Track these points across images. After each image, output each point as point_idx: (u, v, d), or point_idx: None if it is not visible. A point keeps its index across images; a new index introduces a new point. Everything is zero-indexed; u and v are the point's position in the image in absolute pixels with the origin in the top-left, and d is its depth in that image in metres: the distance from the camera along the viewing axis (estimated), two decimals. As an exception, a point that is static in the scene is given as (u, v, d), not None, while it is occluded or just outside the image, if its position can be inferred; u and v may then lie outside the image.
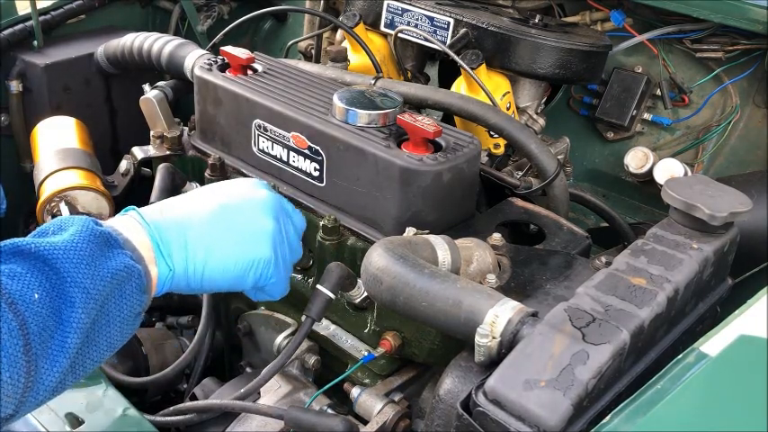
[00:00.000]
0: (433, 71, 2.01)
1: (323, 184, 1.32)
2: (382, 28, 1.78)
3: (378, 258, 1.01)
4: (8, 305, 0.72)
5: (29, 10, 1.95)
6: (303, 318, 1.16)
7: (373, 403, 1.17)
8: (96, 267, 0.80)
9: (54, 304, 0.76)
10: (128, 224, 0.92)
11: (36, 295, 0.75)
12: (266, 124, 1.37)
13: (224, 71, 1.48)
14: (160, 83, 1.75)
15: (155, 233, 0.92)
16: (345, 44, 1.82)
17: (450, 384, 0.94)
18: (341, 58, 1.72)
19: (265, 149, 1.40)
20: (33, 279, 0.76)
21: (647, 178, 1.75)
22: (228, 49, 1.48)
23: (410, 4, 1.73)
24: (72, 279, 0.78)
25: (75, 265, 0.79)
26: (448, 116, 1.69)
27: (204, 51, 1.73)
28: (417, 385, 1.24)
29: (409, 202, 1.22)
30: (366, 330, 1.26)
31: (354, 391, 1.19)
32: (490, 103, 1.53)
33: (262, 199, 1.04)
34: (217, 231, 0.97)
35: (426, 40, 1.69)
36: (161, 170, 1.48)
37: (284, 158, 1.37)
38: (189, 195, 1.03)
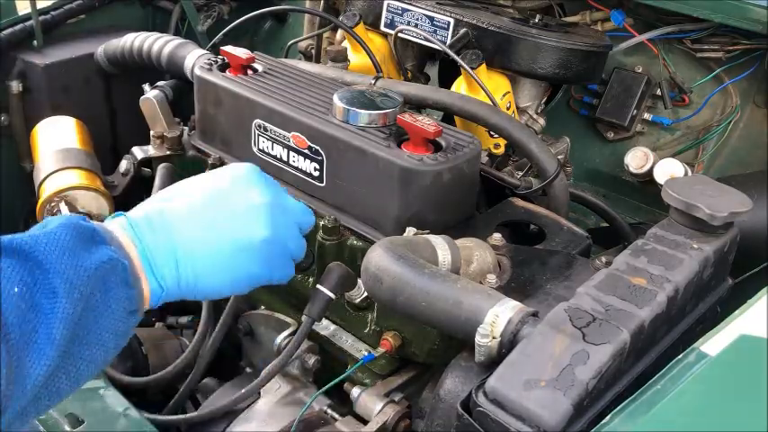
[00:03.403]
0: (433, 71, 2.01)
1: (323, 184, 1.32)
2: (382, 28, 1.78)
3: (378, 258, 1.01)
4: None
5: (29, 10, 1.94)
6: (303, 318, 1.16)
7: (373, 403, 1.17)
8: (79, 258, 0.78)
9: (35, 296, 0.75)
10: (115, 227, 0.88)
11: (16, 289, 0.73)
12: (266, 124, 1.37)
13: (224, 71, 1.48)
14: (160, 83, 1.75)
15: (143, 247, 0.88)
16: (345, 44, 1.82)
17: (451, 384, 0.94)
18: (341, 58, 1.72)
19: (265, 149, 1.40)
20: (14, 273, 0.74)
21: (647, 178, 1.75)
22: (228, 48, 1.48)
23: (410, 4, 1.73)
24: (54, 269, 0.76)
25: (56, 256, 0.77)
26: (448, 116, 1.69)
27: (204, 51, 1.73)
28: (417, 385, 1.23)
29: (409, 202, 1.22)
30: (366, 330, 1.26)
31: (354, 391, 1.19)
32: (490, 103, 1.53)
33: (255, 206, 0.96)
34: (208, 249, 0.92)
35: (426, 39, 1.69)
36: (161, 170, 1.48)
37: (284, 158, 1.37)
38: (182, 200, 0.95)
